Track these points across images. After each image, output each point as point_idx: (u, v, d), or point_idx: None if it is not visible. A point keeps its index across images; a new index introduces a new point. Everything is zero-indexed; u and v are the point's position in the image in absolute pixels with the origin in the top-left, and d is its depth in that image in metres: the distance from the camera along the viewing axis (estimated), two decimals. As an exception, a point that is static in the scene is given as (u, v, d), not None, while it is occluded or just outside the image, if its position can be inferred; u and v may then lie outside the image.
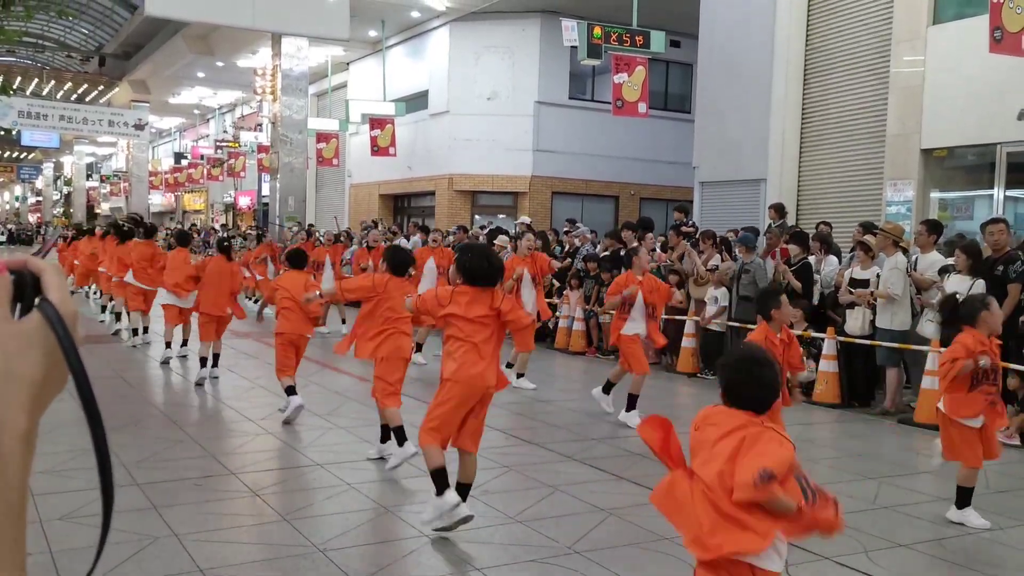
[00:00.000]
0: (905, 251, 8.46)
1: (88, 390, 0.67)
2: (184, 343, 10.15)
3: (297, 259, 7.44)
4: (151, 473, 5.38)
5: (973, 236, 9.57)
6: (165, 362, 9.78)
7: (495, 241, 13.33)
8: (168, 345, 9.88)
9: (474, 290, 4.39)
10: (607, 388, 7.68)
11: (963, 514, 4.91)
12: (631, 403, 7.40)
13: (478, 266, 4.43)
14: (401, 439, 5.52)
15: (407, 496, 5.27)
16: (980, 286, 7.38)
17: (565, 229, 14.17)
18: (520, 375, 9.05)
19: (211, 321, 8.69)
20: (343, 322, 13.13)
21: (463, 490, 4.47)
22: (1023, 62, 9.70)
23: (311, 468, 5.76)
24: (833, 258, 9.53)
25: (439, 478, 4.31)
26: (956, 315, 5.01)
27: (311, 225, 23.19)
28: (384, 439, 5.80)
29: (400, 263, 5.78)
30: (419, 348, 10.71)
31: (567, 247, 13.25)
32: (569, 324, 12.05)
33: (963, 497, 4.92)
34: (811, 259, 9.46)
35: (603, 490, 5.40)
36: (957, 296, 5.46)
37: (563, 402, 8.54)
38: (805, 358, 8.67)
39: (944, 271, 7.92)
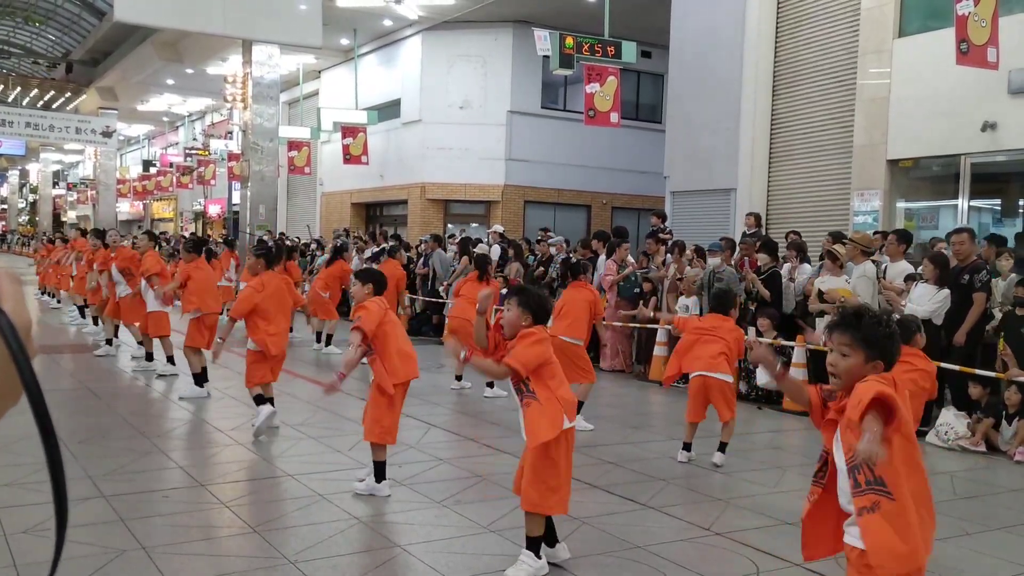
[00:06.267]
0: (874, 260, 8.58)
1: (41, 403, 0.64)
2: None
3: None
4: (118, 485, 5.30)
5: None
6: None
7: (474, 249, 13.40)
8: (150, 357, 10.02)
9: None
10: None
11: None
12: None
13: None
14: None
15: (379, 507, 5.23)
16: (944, 295, 7.50)
17: (538, 238, 14.20)
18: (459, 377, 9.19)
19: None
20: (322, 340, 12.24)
21: None
22: (986, 74, 9.90)
23: (282, 479, 5.70)
24: (807, 266, 9.62)
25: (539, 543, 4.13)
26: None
27: (282, 233, 23.04)
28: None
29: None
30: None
31: (541, 256, 13.27)
32: (542, 333, 12.05)
33: None
34: (786, 267, 9.57)
35: (576, 499, 5.37)
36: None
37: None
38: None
39: (910, 279, 8.04)
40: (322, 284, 12.20)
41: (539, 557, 4.10)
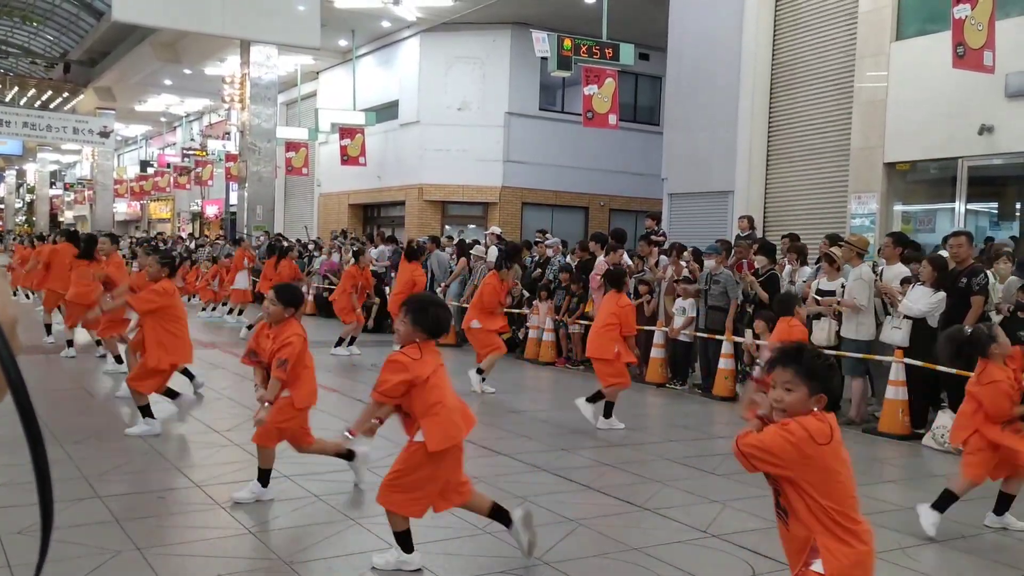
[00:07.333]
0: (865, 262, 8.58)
1: (26, 400, 0.63)
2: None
3: None
4: (113, 486, 5.29)
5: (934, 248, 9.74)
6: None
7: (471, 251, 13.41)
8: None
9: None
10: (594, 399, 7.67)
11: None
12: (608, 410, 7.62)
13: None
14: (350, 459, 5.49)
15: (374, 508, 5.22)
16: (941, 297, 7.51)
17: (536, 240, 14.20)
18: (481, 373, 9.21)
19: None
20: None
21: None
22: (983, 77, 9.92)
23: (277, 480, 5.69)
24: (807, 269, 9.62)
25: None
26: (965, 350, 4.98)
27: (279, 234, 23.03)
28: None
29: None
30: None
31: (538, 257, 13.27)
32: (539, 335, 12.06)
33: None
34: (787, 269, 9.57)
35: (572, 500, 5.40)
36: (965, 330, 5.37)
37: (532, 412, 8.53)
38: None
39: (906, 282, 8.04)
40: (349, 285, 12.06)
41: (408, 551, 4.01)
